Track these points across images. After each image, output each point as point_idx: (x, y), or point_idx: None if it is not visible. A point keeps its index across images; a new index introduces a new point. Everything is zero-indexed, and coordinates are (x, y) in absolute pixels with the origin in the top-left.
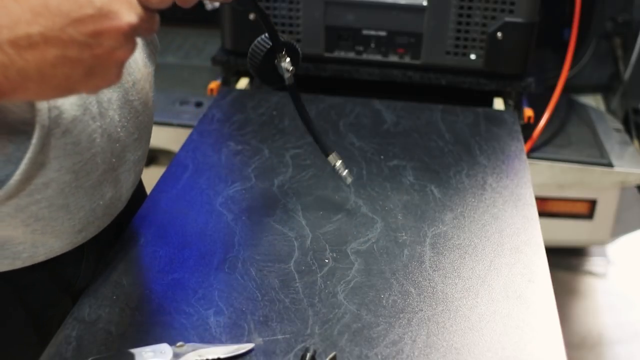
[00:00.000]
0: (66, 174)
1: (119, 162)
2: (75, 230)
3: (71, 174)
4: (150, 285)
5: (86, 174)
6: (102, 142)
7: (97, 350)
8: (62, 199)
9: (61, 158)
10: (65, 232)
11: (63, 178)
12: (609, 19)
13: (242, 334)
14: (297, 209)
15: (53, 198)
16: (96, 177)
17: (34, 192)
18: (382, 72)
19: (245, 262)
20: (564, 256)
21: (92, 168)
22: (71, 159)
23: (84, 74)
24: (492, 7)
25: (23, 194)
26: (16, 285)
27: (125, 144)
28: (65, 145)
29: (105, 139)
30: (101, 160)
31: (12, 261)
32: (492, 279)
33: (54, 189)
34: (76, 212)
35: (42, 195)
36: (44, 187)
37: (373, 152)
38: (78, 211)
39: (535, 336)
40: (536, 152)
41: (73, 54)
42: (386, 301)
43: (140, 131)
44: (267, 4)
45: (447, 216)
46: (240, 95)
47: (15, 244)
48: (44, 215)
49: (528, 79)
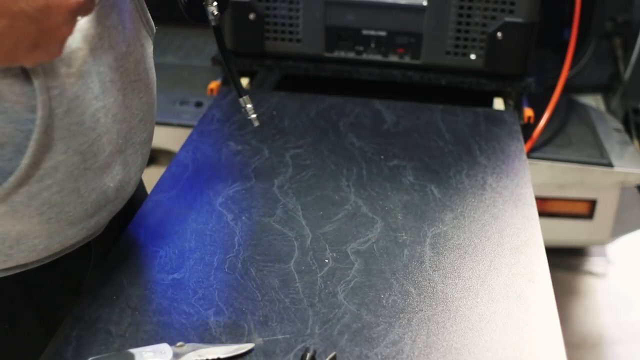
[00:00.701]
0: (73, 155)
1: (125, 143)
2: (87, 215)
3: (78, 155)
4: (150, 285)
5: (93, 155)
6: (107, 122)
7: (97, 350)
8: (72, 182)
9: (67, 139)
10: (79, 217)
11: (71, 160)
12: (609, 19)
13: (242, 334)
14: (297, 209)
15: (63, 182)
16: (104, 159)
17: (44, 177)
18: (382, 72)
19: (245, 262)
20: (564, 256)
21: (99, 149)
22: (77, 140)
23: (29, 46)
24: (492, 7)
25: (33, 180)
26: (27, 286)
27: (131, 125)
28: (70, 126)
29: (110, 119)
30: (107, 141)
31: (27, 254)
32: (492, 279)
33: (63, 172)
34: (87, 195)
35: (53, 179)
36: (53, 170)
37: (373, 152)
38: (89, 194)
39: (535, 336)
40: (536, 152)
41: (21, 25)
42: (386, 301)
43: (144, 112)
44: (267, 4)
45: (447, 216)
46: None
47: (31, 238)
48: (56, 200)
49: (528, 79)
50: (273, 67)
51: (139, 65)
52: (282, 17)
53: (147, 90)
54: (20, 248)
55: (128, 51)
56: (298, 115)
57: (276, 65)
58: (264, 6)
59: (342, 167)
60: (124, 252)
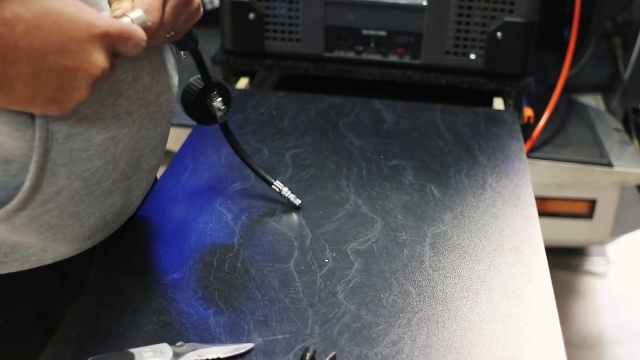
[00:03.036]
0: (76, 181)
1: (133, 171)
2: (85, 237)
3: (81, 182)
4: (150, 285)
5: (97, 182)
6: (116, 152)
7: (97, 350)
8: (73, 206)
9: (70, 165)
10: (76, 239)
11: (73, 186)
12: (609, 19)
13: (242, 334)
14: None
15: (64, 206)
16: (108, 186)
17: (46, 202)
18: (382, 72)
19: (245, 262)
20: (564, 256)
21: (103, 176)
22: (80, 167)
23: (45, 100)
24: (492, 7)
25: (36, 204)
26: (26, 285)
27: (142, 154)
28: (72, 152)
29: (120, 149)
30: (113, 169)
31: (21, 264)
32: (492, 279)
33: (65, 197)
34: (87, 220)
35: (55, 204)
36: (56, 195)
37: (373, 152)
38: (89, 218)
39: (535, 336)
40: (536, 152)
41: (45, 80)
42: (386, 301)
43: (157, 141)
44: (267, 4)
45: (447, 216)
46: (240, 95)
47: (26, 248)
48: (55, 223)
49: (528, 79)
50: (273, 67)
51: (161, 97)
52: (282, 17)
53: (164, 121)
54: (15, 257)
55: (152, 84)
56: (298, 115)
57: (276, 65)
58: (264, 6)
59: (342, 167)
60: (124, 252)
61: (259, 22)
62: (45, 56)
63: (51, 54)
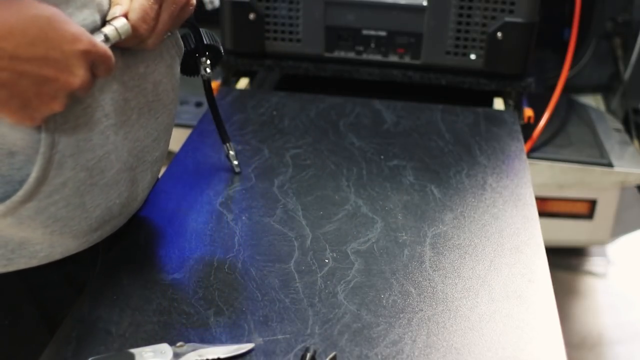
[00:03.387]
0: (81, 171)
1: (136, 161)
2: (91, 229)
3: (85, 172)
4: (150, 285)
5: (100, 172)
6: (117, 140)
7: (97, 350)
8: (78, 197)
9: (76, 155)
10: (82, 231)
11: (78, 176)
12: (609, 19)
13: (242, 334)
14: (297, 209)
15: (70, 197)
16: (111, 175)
17: (52, 193)
18: (382, 72)
19: (245, 262)
20: (564, 256)
21: (107, 166)
22: (84, 156)
23: (18, 105)
24: (492, 7)
25: (43, 196)
26: (31, 284)
27: (144, 144)
28: (78, 142)
29: (120, 137)
30: (115, 158)
31: (28, 260)
32: (492, 279)
33: (70, 188)
34: (92, 211)
35: (60, 195)
36: (62, 186)
37: (373, 152)
38: (94, 209)
39: (535, 336)
40: (536, 152)
41: (21, 85)
42: (386, 301)
43: (160, 132)
44: (267, 4)
45: (447, 216)
46: (240, 95)
47: (33, 244)
48: (62, 215)
49: (528, 79)
50: (273, 67)
51: (159, 86)
52: (282, 17)
53: (165, 111)
54: (22, 253)
55: (146, 72)
56: (298, 115)
57: (276, 65)
58: (264, 6)
59: (342, 167)
60: (124, 252)
61: (259, 22)
62: (28, 61)
63: (34, 60)
